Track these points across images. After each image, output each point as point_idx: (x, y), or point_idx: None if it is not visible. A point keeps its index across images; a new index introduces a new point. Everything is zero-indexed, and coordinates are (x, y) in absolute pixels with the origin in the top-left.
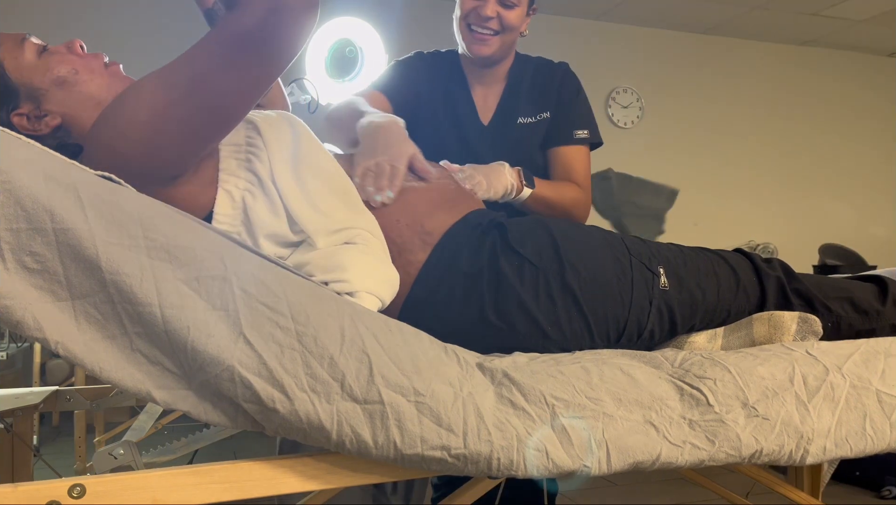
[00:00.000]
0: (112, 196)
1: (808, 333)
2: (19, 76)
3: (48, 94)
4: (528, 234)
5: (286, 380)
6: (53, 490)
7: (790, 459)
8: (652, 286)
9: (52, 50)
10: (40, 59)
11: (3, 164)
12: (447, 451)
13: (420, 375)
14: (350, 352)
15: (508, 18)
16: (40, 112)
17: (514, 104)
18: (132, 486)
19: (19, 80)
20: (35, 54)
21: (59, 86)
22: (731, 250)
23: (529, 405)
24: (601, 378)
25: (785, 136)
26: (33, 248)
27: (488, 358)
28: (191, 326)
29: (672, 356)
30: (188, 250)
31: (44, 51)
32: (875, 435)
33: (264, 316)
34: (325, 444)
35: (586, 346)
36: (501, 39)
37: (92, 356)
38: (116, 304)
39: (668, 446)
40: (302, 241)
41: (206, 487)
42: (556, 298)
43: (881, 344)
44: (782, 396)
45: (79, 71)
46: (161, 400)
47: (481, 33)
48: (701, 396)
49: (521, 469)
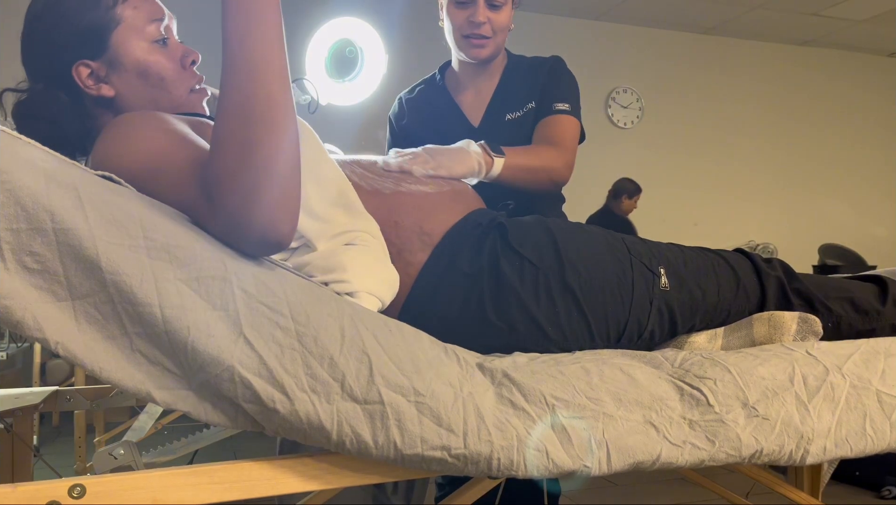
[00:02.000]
0: (112, 196)
1: (809, 333)
2: (117, 46)
3: (126, 73)
4: (528, 235)
5: (286, 380)
6: (53, 490)
7: (790, 459)
8: (652, 286)
9: (169, 45)
10: (149, 47)
11: (4, 163)
12: (447, 451)
13: (420, 376)
14: (350, 352)
15: (498, 21)
16: (106, 77)
17: (502, 102)
18: (132, 486)
19: (117, 46)
20: (150, 40)
21: (140, 75)
22: (731, 250)
23: (529, 405)
24: (601, 378)
25: (785, 135)
26: (33, 248)
27: (488, 358)
28: (191, 327)
29: (672, 356)
30: (188, 250)
31: (163, 44)
32: (875, 435)
33: (264, 316)
34: (325, 444)
35: (586, 346)
36: (495, 41)
37: (92, 356)
38: (116, 304)
39: (668, 446)
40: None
41: (206, 487)
42: (556, 298)
43: (881, 344)
44: (782, 397)
45: (165, 80)
46: (161, 400)
47: (477, 39)
48: (701, 396)
49: (521, 469)
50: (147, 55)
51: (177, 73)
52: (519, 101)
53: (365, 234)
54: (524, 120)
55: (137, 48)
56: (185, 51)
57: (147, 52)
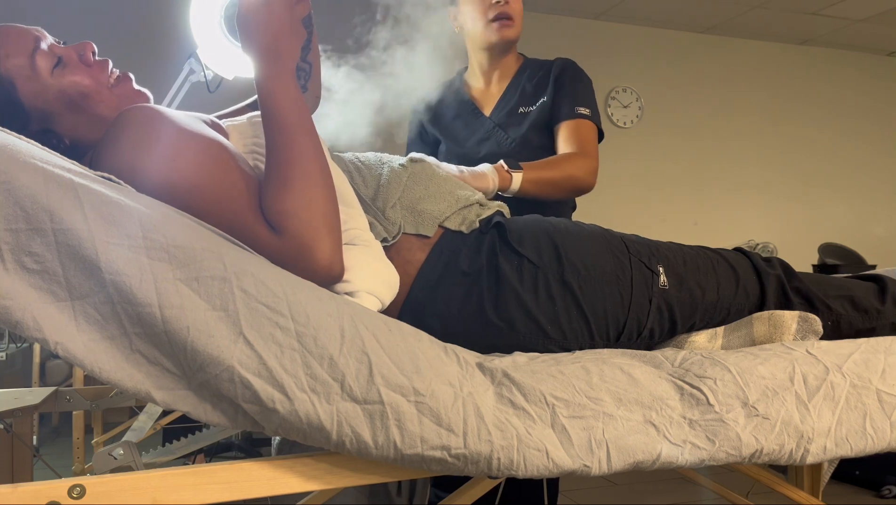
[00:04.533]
0: (111, 196)
1: (809, 332)
2: (32, 100)
3: (60, 118)
4: (527, 234)
5: (286, 380)
6: (53, 490)
7: (790, 458)
8: (651, 285)
9: (65, 61)
10: (53, 76)
11: (3, 163)
12: (447, 451)
13: (420, 375)
14: (350, 352)
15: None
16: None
17: (515, 96)
18: (132, 486)
19: (31, 104)
20: (49, 71)
21: (71, 109)
22: (730, 249)
23: (529, 405)
24: (601, 378)
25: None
26: (32, 248)
27: (488, 358)
28: (190, 327)
29: (672, 356)
30: (188, 250)
31: (57, 64)
32: (875, 434)
33: (264, 316)
34: (325, 444)
35: (586, 345)
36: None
37: (91, 357)
38: (116, 304)
39: (668, 446)
40: None
41: (206, 488)
42: (555, 297)
43: (881, 343)
44: (782, 396)
45: (90, 94)
46: (161, 400)
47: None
48: (701, 395)
49: (521, 469)
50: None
51: (91, 79)
52: (532, 96)
53: (364, 233)
54: (539, 113)
55: (48, 90)
56: (78, 51)
57: (56, 84)
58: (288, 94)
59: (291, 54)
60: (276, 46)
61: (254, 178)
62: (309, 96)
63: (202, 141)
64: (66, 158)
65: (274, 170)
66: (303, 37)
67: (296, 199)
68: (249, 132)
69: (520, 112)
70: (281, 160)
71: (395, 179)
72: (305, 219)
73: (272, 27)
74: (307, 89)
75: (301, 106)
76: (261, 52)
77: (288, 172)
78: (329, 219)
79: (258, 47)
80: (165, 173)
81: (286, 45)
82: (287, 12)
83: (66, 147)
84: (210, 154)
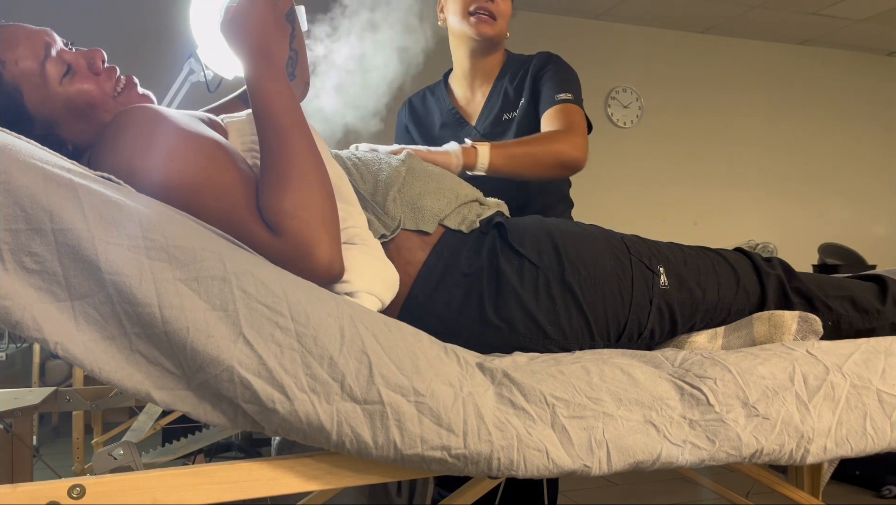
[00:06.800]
0: (111, 196)
1: (809, 333)
2: (37, 107)
3: (64, 125)
4: (527, 234)
5: (286, 380)
6: (53, 490)
7: (791, 458)
8: (652, 285)
9: (74, 69)
10: (61, 85)
11: (2, 164)
12: (447, 451)
13: (420, 375)
14: (350, 352)
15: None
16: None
17: (499, 102)
18: (132, 486)
19: (36, 110)
20: (58, 80)
21: (76, 117)
22: (730, 249)
23: (529, 405)
24: (601, 378)
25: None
26: (32, 248)
27: (488, 358)
28: (190, 327)
29: (672, 356)
30: (187, 250)
31: (67, 72)
32: (875, 434)
33: (264, 316)
34: (325, 444)
35: (586, 345)
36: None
37: (91, 357)
38: (116, 304)
39: (668, 446)
40: None
41: (206, 488)
42: (555, 297)
43: (882, 343)
44: (783, 396)
45: (96, 104)
46: (161, 400)
47: (484, 14)
48: (701, 395)
49: (521, 469)
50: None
51: (97, 86)
52: (514, 100)
53: (364, 232)
54: (520, 118)
55: (55, 98)
56: (87, 59)
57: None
58: (280, 95)
59: (281, 53)
60: (265, 47)
61: (252, 177)
62: (298, 83)
63: (201, 140)
64: (66, 159)
65: (270, 170)
66: (288, 31)
67: (293, 198)
68: (248, 130)
69: (504, 119)
70: (276, 160)
71: (394, 174)
72: (304, 218)
73: (259, 28)
74: (295, 76)
75: (294, 105)
76: (250, 54)
77: (284, 172)
78: (327, 218)
79: (247, 50)
80: (164, 173)
81: (275, 45)
82: (272, 12)
83: (68, 152)
84: (208, 154)
